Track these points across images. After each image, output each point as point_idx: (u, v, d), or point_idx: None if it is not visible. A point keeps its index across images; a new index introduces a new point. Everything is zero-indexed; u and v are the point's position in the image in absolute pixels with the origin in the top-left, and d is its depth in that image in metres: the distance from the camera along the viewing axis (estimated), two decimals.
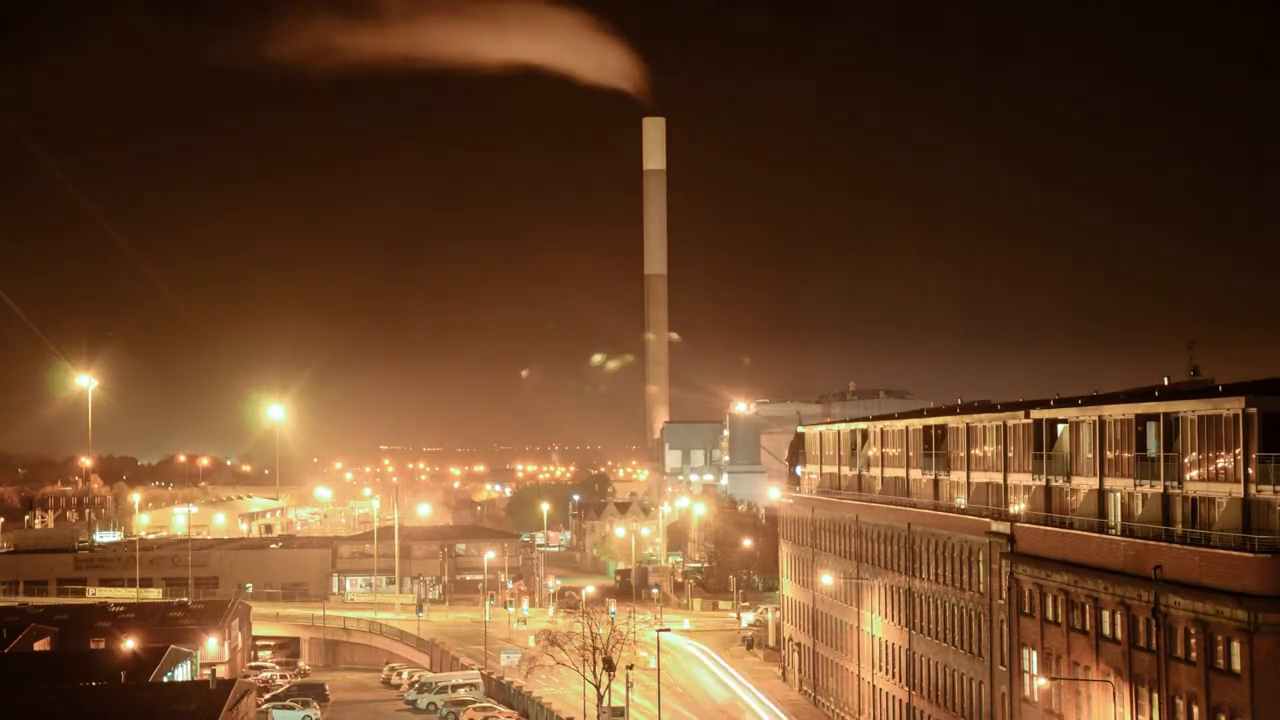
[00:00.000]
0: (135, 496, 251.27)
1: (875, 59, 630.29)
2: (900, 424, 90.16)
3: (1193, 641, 51.59)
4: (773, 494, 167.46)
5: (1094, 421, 62.83)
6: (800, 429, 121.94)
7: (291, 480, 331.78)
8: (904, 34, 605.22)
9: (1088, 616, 59.39)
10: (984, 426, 76.19)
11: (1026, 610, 66.18)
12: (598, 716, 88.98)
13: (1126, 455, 60.26)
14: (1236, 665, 48.97)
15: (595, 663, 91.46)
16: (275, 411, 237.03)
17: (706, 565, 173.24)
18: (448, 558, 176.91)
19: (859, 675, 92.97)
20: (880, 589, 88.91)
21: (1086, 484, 63.71)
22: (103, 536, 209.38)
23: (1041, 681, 63.78)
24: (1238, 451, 52.24)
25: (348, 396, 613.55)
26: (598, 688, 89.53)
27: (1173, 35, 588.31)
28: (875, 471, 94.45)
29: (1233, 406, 52.63)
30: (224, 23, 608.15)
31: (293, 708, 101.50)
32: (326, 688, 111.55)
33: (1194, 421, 55.03)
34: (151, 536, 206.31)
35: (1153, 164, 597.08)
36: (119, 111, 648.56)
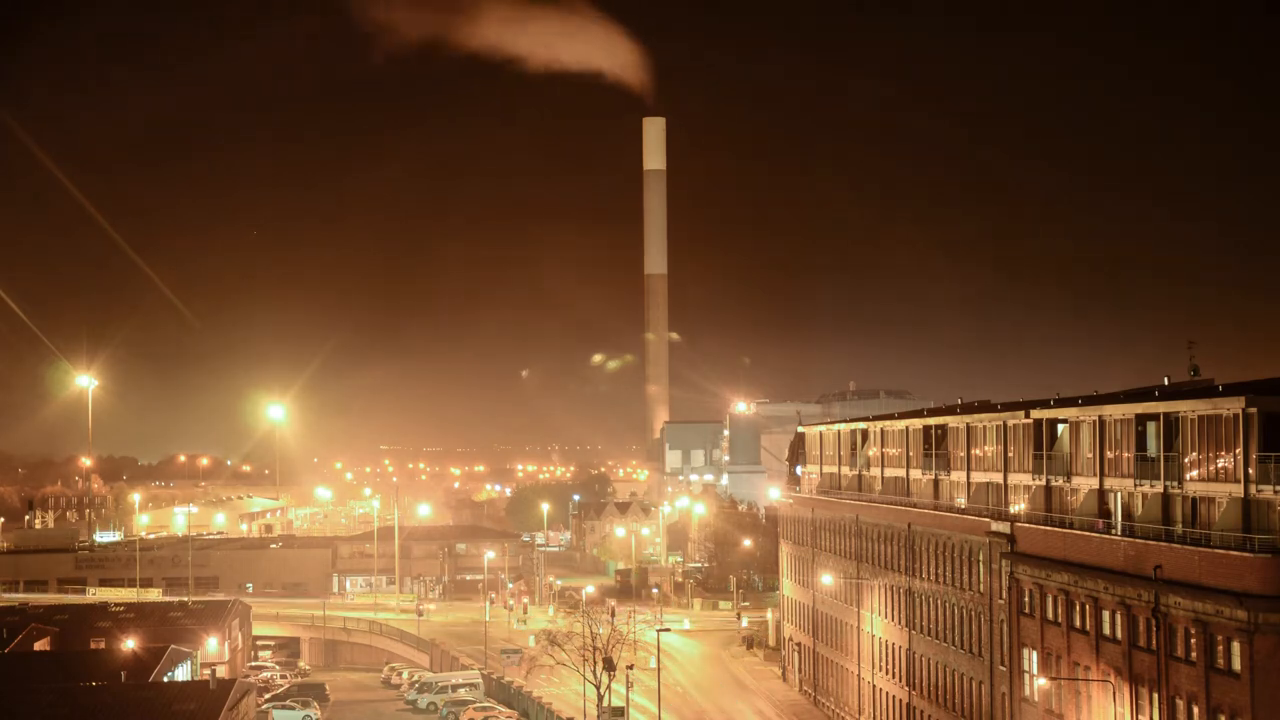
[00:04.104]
0: (135, 496, 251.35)
1: (875, 59, 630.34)
2: (900, 424, 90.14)
3: (1193, 641, 51.57)
4: (773, 494, 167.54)
5: (1094, 421, 62.82)
6: (800, 429, 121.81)
7: (291, 480, 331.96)
8: (903, 33, 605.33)
9: (1088, 616, 59.37)
10: (984, 426, 76.16)
11: (1026, 610, 66.17)
12: (598, 716, 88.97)
13: (1126, 455, 60.23)
14: (1236, 665, 48.96)
15: (595, 663, 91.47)
16: (275, 411, 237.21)
17: (706, 565, 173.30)
18: (448, 558, 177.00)
19: (859, 675, 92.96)
20: (880, 589, 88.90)
21: (1086, 484, 63.69)
22: (103, 536, 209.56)
23: (1041, 681, 63.77)
24: (1238, 451, 52.22)
25: (348, 396, 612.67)
26: (598, 688, 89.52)
27: (1173, 40, 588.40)
28: (875, 471, 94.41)
29: (1233, 406, 52.61)
30: (224, 27, 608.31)
31: (293, 708, 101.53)
32: (327, 688, 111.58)
33: (1194, 421, 55.00)
34: (151, 536, 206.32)
35: (1152, 163, 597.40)
36: (119, 113, 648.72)
